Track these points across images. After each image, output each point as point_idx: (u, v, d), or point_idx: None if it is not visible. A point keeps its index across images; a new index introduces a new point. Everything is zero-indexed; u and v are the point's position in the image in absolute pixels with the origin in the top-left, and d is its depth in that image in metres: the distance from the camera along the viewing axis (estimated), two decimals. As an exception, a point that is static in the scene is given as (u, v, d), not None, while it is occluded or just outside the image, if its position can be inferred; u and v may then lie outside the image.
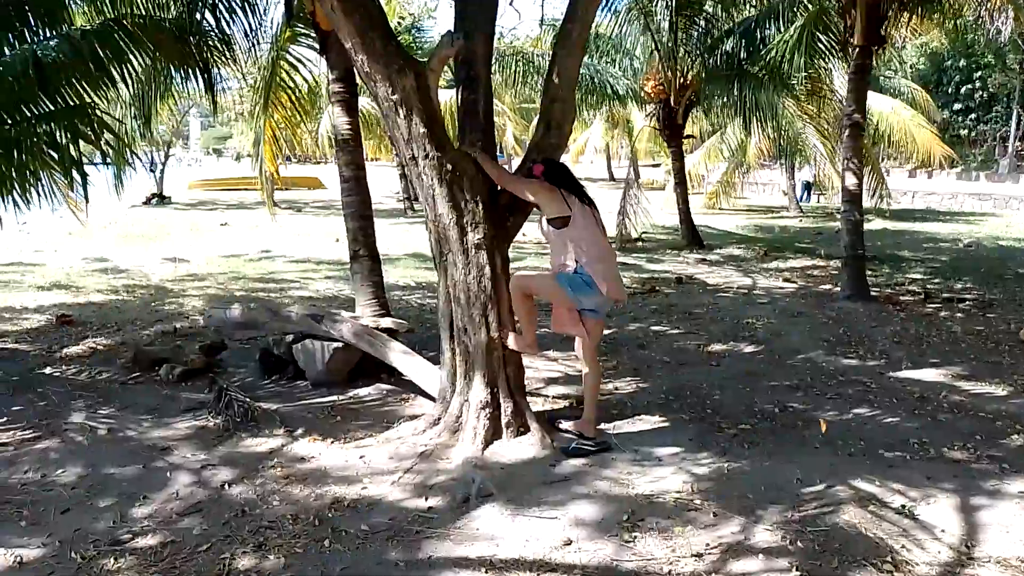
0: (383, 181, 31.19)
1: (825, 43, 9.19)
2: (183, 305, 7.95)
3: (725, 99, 12.08)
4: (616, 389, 5.27)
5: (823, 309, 8.03)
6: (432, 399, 4.78)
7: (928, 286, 9.51)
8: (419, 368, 4.87)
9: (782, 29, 10.88)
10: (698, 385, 5.32)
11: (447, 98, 11.79)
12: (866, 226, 17.79)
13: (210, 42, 6.50)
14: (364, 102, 19.64)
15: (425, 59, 4.13)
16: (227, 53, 6.60)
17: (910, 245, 13.65)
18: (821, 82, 11.88)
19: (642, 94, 13.27)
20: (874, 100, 16.21)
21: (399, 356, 4.97)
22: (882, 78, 18.85)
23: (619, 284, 4.13)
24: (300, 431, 4.42)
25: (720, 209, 21.46)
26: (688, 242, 13.68)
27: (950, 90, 32.33)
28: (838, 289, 9.17)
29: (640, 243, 13.95)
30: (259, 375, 5.52)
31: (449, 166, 3.97)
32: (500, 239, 4.19)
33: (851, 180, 8.44)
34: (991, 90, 32.99)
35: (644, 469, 3.84)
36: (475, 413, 4.08)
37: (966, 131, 33.17)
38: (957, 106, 32.44)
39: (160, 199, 23.26)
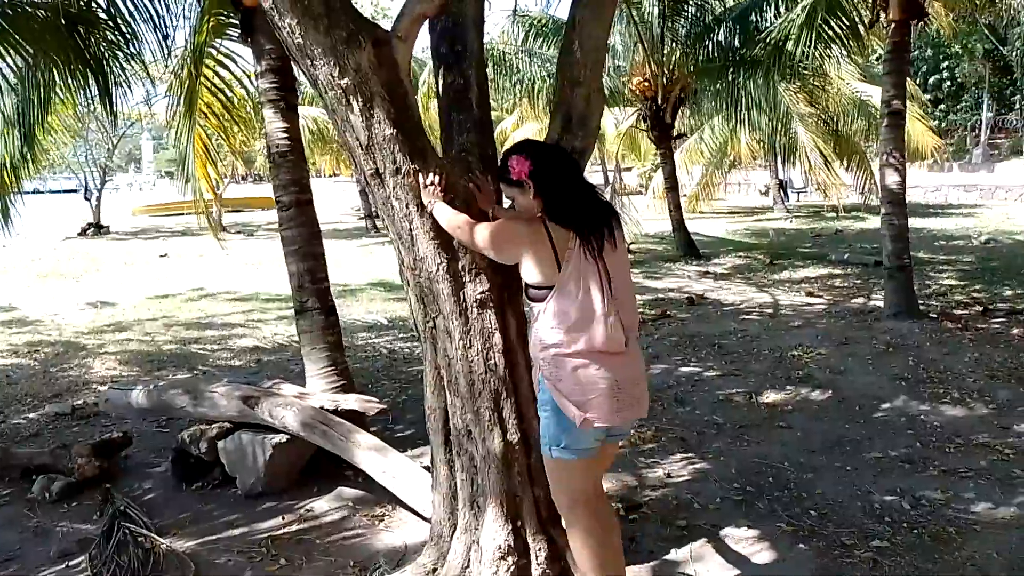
0: (342, 197, 29.65)
1: (836, 26, 7.95)
2: (92, 369, 6.34)
3: (717, 92, 10.85)
4: (668, 476, 3.85)
5: (872, 332, 6.73)
6: (421, 516, 3.33)
7: (974, 295, 8.29)
8: (399, 473, 3.41)
9: (782, 13, 9.71)
10: (777, 463, 3.93)
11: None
12: (863, 225, 16.94)
13: (104, 33, 5.03)
14: (312, 111, 18.10)
15: (390, 26, 2.70)
16: (127, 48, 5.13)
17: (924, 245, 12.49)
18: (825, 72, 10.72)
19: (627, 92, 11.95)
20: (867, 89, 15.18)
21: (369, 456, 3.49)
22: (868, 66, 17.86)
23: (614, 396, 2.25)
24: (225, 592, 2.92)
25: (701, 213, 20.28)
26: (684, 252, 12.37)
27: (918, 81, 31.76)
28: (875, 303, 7.95)
29: (631, 255, 12.60)
30: (173, 483, 3.98)
31: (433, 182, 2.53)
32: (514, 291, 2.75)
33: (893, 178, 7.17)
34: (959, 80, 32.59)
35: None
36: (491, 565, 2.62)
37: (936, 122, 32.65)
38: (926, 97, 31.86)
39: (97, 229, 21.32)
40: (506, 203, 2.66)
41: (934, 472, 3.75)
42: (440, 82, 2.92)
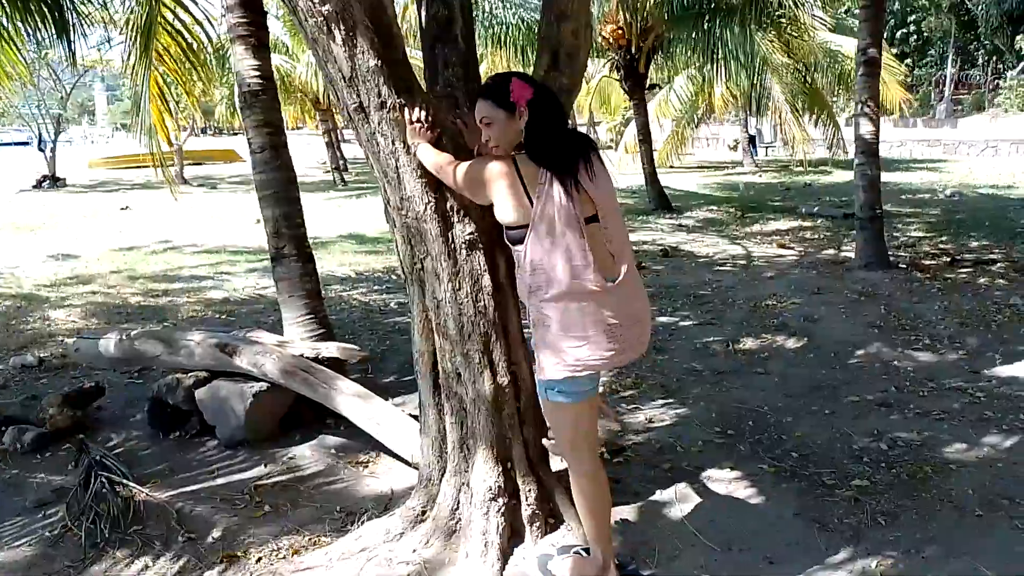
0: (306, 151, 29.01)
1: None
2: (56, 323, 6.15)
3: (692, 41, 10.71)
4: (650, 421, 3.87)
5: (844, 282, 6.82)
6: (406, 463, 3.31)
7: (942, 246, 8.44)
8: (383, 419, 3.37)
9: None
10: (757, 407, 3.97)
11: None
12: (828, 179, 17.10)
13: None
14: (274, 59, 17.53)
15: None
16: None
17: (891, 198, 12.58)
18: (800, 20, 10.64)
19: (599, 40, 11.75)
20: (837, 39, 15.13)
21: (352, 402, 3.44)
22: (838, 18, 17.79)
23: (610, 336, 2.16)
24: (210, 539, 2.88)
25: (671, 167, 20.26)
26: (656, 206, 12.37)
27: (884, 35, 31.81)
28: (846, 254, 8.05)
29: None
30: (150, 432, 3.90)
31: (420, 118, 2.43)
32: (503, 230, 2.68)
33: (867, 127, 7.18)
34: (925, 34, 32.69)
35: (756, 584, 2.47)
36: (482, 506, 2.61)
37: (901, 76, 32.82)
38: (893, 51, 31.91)
39: (53, 181, 20.62)
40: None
41: (910, 415, 3.82)
42: (423, 13, 2.80)
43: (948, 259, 7.56)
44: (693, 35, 10.42)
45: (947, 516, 2.86)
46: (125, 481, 3.24)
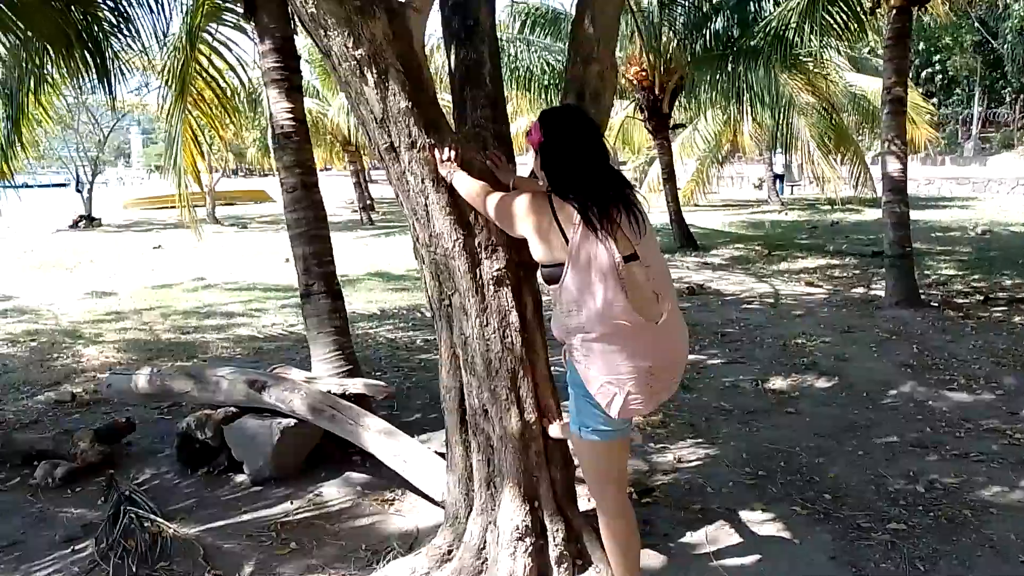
0: (335, 191, 29.46)
1: (836, 13, 7.90)
2: (90, 358, 6.25)
3: (716, 82, 10.78)
4: (679, 461, 3.82)
5: (875, 320, 6.73)
6: (432, 501, 3.29)
7: (974, 284, 8.30)
8: (409, 456, 3.36)
9: (781, 2, 9.66)
10: (789, 448, 3.90)
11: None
12: (859, 217, 16.95)
13: (100, 13, 4.92)
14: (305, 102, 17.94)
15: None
16: (124, 28, 5.02)
17: (921, 236, 12.45)
18: (824, 61, 10.68)
19: (623, 81, 11.88)
20: (860, 80, 15.18)
21: (378, 440, 3.44)
22: (860, 58, 17.85)
23: (645, 382, 2.12)
24: (235, 576, 2.87)
25: (696, 205, 20.26)
26: (681, 244, 12.35)
27: (910, 75, 31.76)
28: (875, 293, 7.95)
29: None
30: (179, 468, 3.92)
31: (450, 157, 2.48)
32: (531, 268, 2.70)
33: (894, 166, 7.15)
34: (951, 73, 32.61)
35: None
36: (509, 546, 2.58)
37: (928, 116, 32.67)
38: (918, 90, 31.80)
39: (88, 221, 21.13)
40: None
41: (946, 456, 3.73)
42: (452, 58, 2.88)
43: (981, 297, 7.43)
44: (717, 76, 10.48)
45: (988, 561, 2.77)
46: (153, 517, 3.26)
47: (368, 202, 21.59)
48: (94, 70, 4.98)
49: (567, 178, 2.17)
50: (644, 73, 11.81)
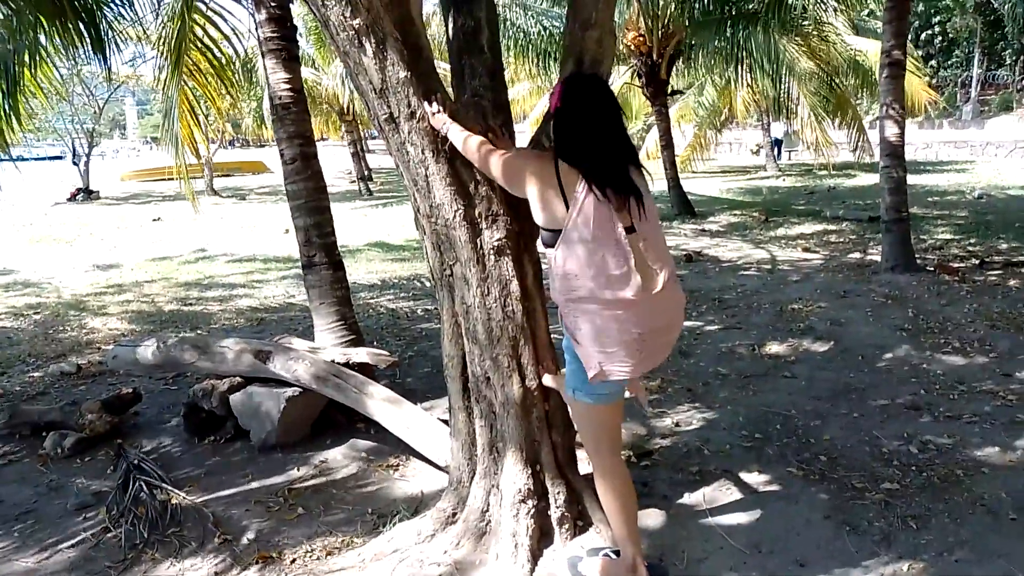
0: (331, 161, 29.31)
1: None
2: (94, 331, 6.31)
3: (714, 48, 10.69)
4: (677, 425, 3.89)
5: (870, 284, 6.78)
6: (436, 466, 3.36)
7: (970, 248, 8.34)
8: (413, 423, 3.42)
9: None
10: (784, 411, 3.97)
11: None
12: (853, 182, 16.94)
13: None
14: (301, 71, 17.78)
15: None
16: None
17: (918, 200, 12.48)
18: (824, 22, 10.59)
19: (621, 47, 11.78)
20: (860, 43, 15.03)
21: (383, 407, 3.51)
22: (859, 21, 17.65)
23: (635, 348, 2.16)
24: (245, 541, 2.95)
25: (694, 172, 20.20)
26: (679, 211, 12.35)
27: (909, 36, 31.41)
28: (872, 258, 7.99)
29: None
30: (186, 437, 3.99)
31: (437, 111, 2.49)
32: (532, 237, 2.74)
33: (892, 130, 7.14)
34: (950, 35, 32.29)
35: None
36: (511, 508, 2.65)
37: (927, 78, 32.41)
38: (918, 52, 31.55)
39: (87, 194, 21.07)
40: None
41: (940, 418, 3.80)
42: (450, 25, 2.87)
43: (977, 261, 7.48)
44: (716, 41, 10.39)
45: (980, 520, 2.85)
46: (162, 484, 3.34)
47: (366, 172, 21.51)
48: (88, 41, 4.96)
49: (576, 145, 2.17)
50: (642, 38, 11.71)
